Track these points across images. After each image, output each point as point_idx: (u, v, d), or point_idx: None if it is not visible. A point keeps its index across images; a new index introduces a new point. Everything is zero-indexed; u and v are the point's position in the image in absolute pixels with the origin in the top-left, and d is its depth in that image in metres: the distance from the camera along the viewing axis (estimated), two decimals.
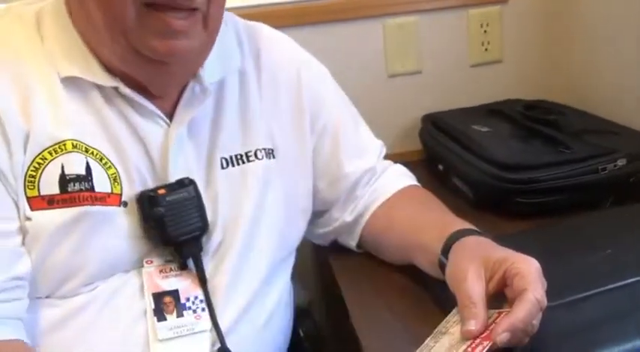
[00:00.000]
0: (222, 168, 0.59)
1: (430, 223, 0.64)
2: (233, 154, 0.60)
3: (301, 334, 0.75)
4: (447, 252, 0.57)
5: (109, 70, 0.53)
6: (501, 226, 0.76)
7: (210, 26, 0.53)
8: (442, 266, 0.57)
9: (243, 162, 0.60)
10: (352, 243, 0.72)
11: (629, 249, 0.62)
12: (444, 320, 0.52)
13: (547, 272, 0.51)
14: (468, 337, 0.48)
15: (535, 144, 0.82)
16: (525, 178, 0.75)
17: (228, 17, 0.65)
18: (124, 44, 0.50)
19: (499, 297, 0.51)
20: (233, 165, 0.60)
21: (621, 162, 0.75)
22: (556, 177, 0.74)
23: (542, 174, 0.74)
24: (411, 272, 0.65)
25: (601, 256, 0.61)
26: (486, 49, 1.05)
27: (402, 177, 0.74)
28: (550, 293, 0.50)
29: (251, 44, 0.65)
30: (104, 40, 0.51)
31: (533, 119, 0.88)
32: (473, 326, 0.48)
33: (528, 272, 0.49)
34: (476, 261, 0.52)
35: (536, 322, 0.48)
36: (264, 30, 0.69)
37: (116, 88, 0.53)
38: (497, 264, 0.51)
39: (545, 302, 0.48)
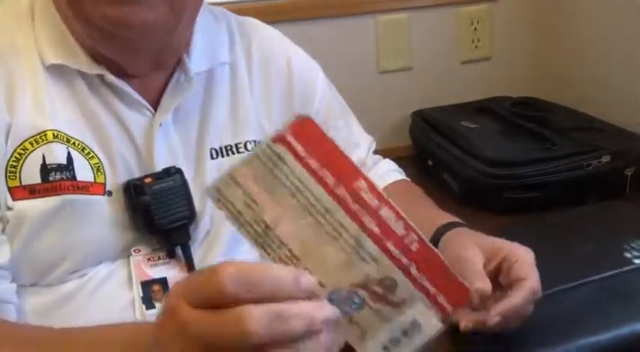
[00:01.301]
0: (212, 158, 0.59)
1: (417, 217, 0.65)
2: (223, 145, 0.60)
3: None
4: (435, 243, 0.58)
5: (94, 57, 0.53)
6: (488, 221, 0.77)
7: (176, 6, 0.50)
8: None
9: (234, 153, 0.60)
10: None
11: (610, 244, 0.63)
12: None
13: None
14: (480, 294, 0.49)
15: (522, 140, 0.83)
16: (511, 174, 0.76)
17: (219, 12, 0.65)
18: (84, 19, 0.49)
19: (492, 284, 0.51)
20: (223, 156, 0.60)
21: (605, 159, 0.76)
22: (541, 173, 0.76)
23: (527, 170, 0.76)
24: None
25: (583, 250, 0.63)
26: (476, 47, 1.06)
27: (391, 172, 0.75)
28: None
29: (243, 38, 0.65)
30: (71, 19, 0.51)
31: (521, 116, 0.90)
32: (485, 286, 0.48)
33: (528, 260, 0.50)
34: (472, 243, 0.53)
35: (530, 308, 0.50)
36: (256, 24, 0.69)
37: (101, 77, 0.53)
38: (495, 249, 0.52)
39: (540, 291, 0.49)
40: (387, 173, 0.75)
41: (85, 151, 0.52)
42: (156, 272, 0.55)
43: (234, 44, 0.64)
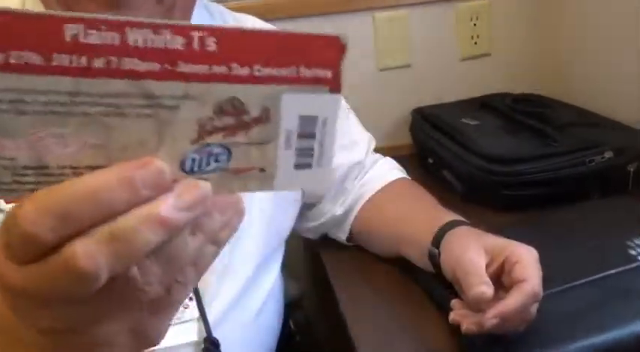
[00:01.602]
0: None
1: (419, 216, 0.65)
2: None
3: (292, 326, 0.75)
4: (437, 243, 0.57)
5: None
6: (489, 219, 0.76)
7: (165, 3, 0.48)
8: (432, 258, 0.58)
9: None
10: (342, 236, 0.73)
11: (612, 241, 0.63)
12: None
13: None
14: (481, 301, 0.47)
15: (523, 137, 0.82)
16: (512, 171, 0.75)
17: (215, 9, 0.65)
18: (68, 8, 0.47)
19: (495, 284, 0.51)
20: None
21: (608, 155, 0.75)
22: (543, 170, 0.75)
23: (529, 167, 0.75)
24: (400, 263, 0.66)
25: (585, 248, 0.62)
26: (475, 43, 1.05)
27: (391, 171, 0.75)
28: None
29: None
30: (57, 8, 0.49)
31: (522, 112, 0.89)
32: (487, 289, 0.48)
33: (529, 261, 0.49)
34: (475, 243, 0.53)
35: (533, 309, 0.49)
36: (252, 21, 0.68)
37: None
38: (498, 249, 0.51)
39: (541, 293, 0.48)
40: (388, 171, 0.74)
41: None
42: None
43: None
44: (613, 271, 0.57)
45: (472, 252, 0.51)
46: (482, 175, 0.77)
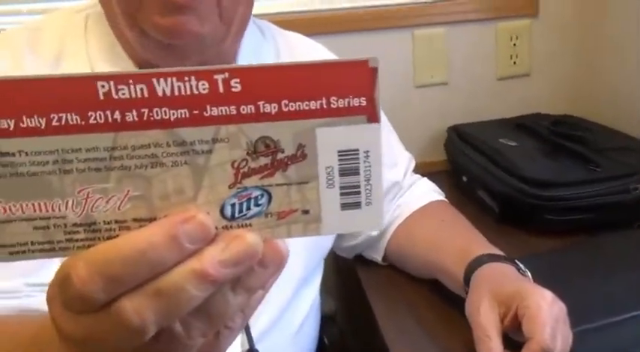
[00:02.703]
0: None
1: (452, 245, 0.64)
2: None
3: (326, 342, 0.75)
4: (468, 280, 0.57)
5: (140, 67, 0.53)
6: (528, 243, 0.76)
7: (224, 15, 0.49)
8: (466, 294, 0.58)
9: None
10: (377, 257, 0.73)
11: None
12: None
13: (573, 293, 0.51)
14: None
15: (563, 160, 0.82)
16: (555, 195, 0.74)
17: (265, 26, 0.66)
18: (138, 29, 0.49)
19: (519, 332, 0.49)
20: None
21: None
22: (586, 196, 0.74)
23: (572, 192, 0.74)
24: (438, 283, 0.66)
25: (631, 278, 0.61)
26: (515, 63, 1.05)
27: (428, 193, 0.74)
28: (577, 316, 0.50)
29: (288, 54, 0.65)
30: (124, 29, 0.51)
31: (561, 135, 0.88)
32: (492, 347, 0.47)
33: (537, 312, 0.47)
34: (488, 295, 0.52)
35: None
36: (301, 40, 0.69)
37: None
38: (510, 299, 0.50)
39: (553, 345, 0.46)
40: (425, 193, 0.74)
41: None
42: None
43: (279, 59, 0.64)
44: None
45: (484, 305, 0.51)
46: (521, 198, 0.77)
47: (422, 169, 0.79)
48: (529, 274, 0.56)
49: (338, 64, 0.23)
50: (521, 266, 0.57)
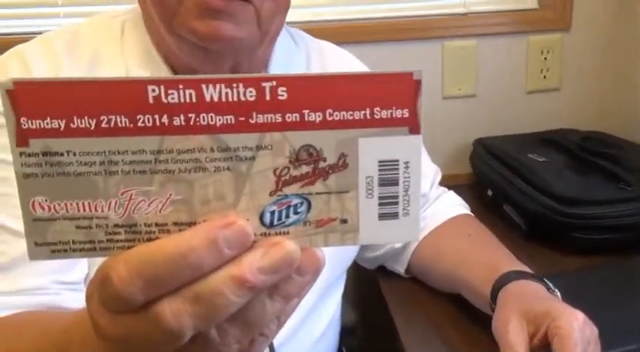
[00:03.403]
0: None
1: (478, 260, 0.63)
2: None
3: None
4: (495, 298, 0.56)
5: (174, 72, 0.53)
6: (555, 261, 0.74)
7: (262, 24, 0.50)
8: (493, 311, 0.57)
9: None
10: (400, 269, 0.72)
11: None
12: None
13: (602, 315, 0.49)
14: None
15: (594, 178, 0.80)
16: (585, 214, 0.73)
17: (297, 34, 0.66)
18: (175, 33, 0.50)
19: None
20: None
21: None
22: (616, 215, 0.72)
23: (602, 211, 0.73)
24: (461, 298, 0.65)
25: None
26: (545, 77, 1.03)
27: (454, 206, 0.73)
28: (611, 339, 0.49)
29: (319, 62, 0.66)
30: (161, 33, 0.52)
31: (591, 151, 0.87)
32: None
33: (568, 333, 0.46)
34: (517, 313, 0.51)
35: None
36: (332, 49, 0.69)
37: None
38: (540, 318, 0.49)
39: None
40: (451, 206, 0.73)
41: None
42: None
43: (310, 68, 0.64)
44: None
45: (511, 329, 0.50)
46: (550, 215, 0.75)
47: (446, 181, 0.78)
48: (558, 293, 0.55)
49: (383, 75, 0.23)
50: (550, 284, 0.56)
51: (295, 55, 0.63)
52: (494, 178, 0.90)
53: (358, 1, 1.00)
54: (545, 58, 1.02)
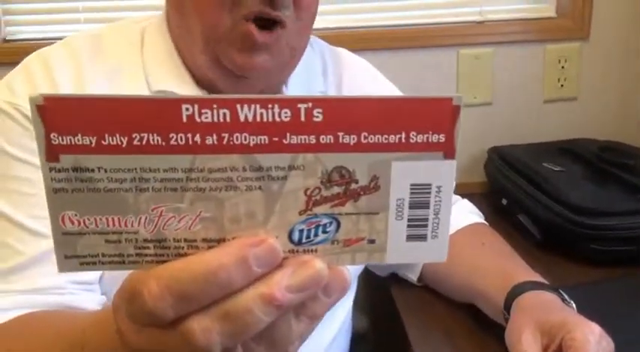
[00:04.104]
0: None
1: (492, 269, 0.62)
2: None
3: None
4: (508, 308, 0.55)
5: (198, 82, 0.54)
6: (569, 272, 0.73)
7: (294, 45, 0.52)
8: (506, 321, 0.56)
9: None
10: (412, 277, 0.71)
11: None
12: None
13: (623, 328, 0.49)
14: None
15: (611, 188, 0.79)
16: (601, 225, 0.72)
17: (314, 41, 0.66)
18: (212, 55, 0.51)
19: None
20: None
21: None
22: (634, 227, 0.71)
23: (619, 222, 0.72)
24: (474, 307, 0.64)
25: None
26: (562, 86, 1.02)
27: (468, 214, 0.73)
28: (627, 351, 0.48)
29: (335, 69, 0.66)
30: (197, 50, 0.52)
31: (610, 162, 0.85)
32: None
33: (584, 345, 0.45)
34: (532, 324, 0.50)
35: None
36: (347, 55, 0.69)
37: None
38: (555, 329, 0.49)
39: None
40: (465, 215, 0.72)
41: None
42: None
43: (326, 74, 0.64)
44: None
45: (524, 340, 0.49)
46: (566, 225, 0.75)
47: (461, 190, 0.78)
48: (574, 305, 0.54)
49: (421, 100, 0.23)
50: (566, 296, 0.55)
51: (313, 61, 0.63)
52: (509, 187, 0.89)
53: (374, 8, 1.00)
54: (563, 67, 1.01)
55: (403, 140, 0.23)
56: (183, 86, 0.54)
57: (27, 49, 0.58)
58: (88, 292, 0.50)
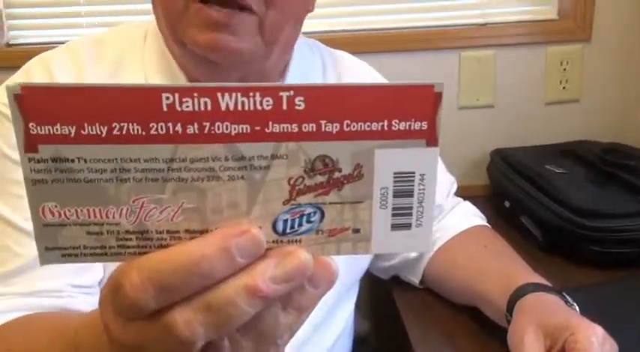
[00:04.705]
0: None
1: (494, 271, 0.62)
2: None
3: None
4: (511, 310, 0.55)
5: (191, 81, 0.54)
6: (571, 274, 0.73)
7: (267, 34, 0.49)
8: (508, 322, 0.56)
9: None
10: (414, 279, 0.71)
11: None
12: None
13: (626, 330, 0.48)
14: None
15: (613, 190, 0.79)
16: (603, 226, 0.72)
17: (313, 44, 0.66)
18: (179, 42, 0.50)
19: None
20: None
21: None
22: (637, 229, 0.71)
23: (621, 224, 0.71)
24: (476, 310, 0.64)
25: None
26: (564, 88, 1.02)
27: (470, 217, 0.73)
28: None
29: (334, 71, 0.66)
30: (171, 41, 0.52)
31: (612, 164, 0.85)
32: None
33: (588, 347, 0.45)
34: (534, 326, 0.50)
35: None
36: (347, 58, 0.70)
37: None
38: (558, 331, 0.48)
39: None
40: (467, 217, 0.72)
41: None
42: None
43: (326, 75, 0.64)
44: None
45: (527, 341, 0.49)
46: (568, 227, 0.74)
47: (463, 192, 0.78)
48: (577, 307, 0.54)
49: (403, 87, 0.23)
50: (569, 298, 0.55)
51: (311, 63, 0.63)
52: (512, 189, 0.89)
53: (376, 11, 1.00)
54: (565, 69, 1.01)
55: (386, 128, 0.23)
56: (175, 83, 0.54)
57: (30, 54, 0.58)
58: (87, 295, 0.50)
